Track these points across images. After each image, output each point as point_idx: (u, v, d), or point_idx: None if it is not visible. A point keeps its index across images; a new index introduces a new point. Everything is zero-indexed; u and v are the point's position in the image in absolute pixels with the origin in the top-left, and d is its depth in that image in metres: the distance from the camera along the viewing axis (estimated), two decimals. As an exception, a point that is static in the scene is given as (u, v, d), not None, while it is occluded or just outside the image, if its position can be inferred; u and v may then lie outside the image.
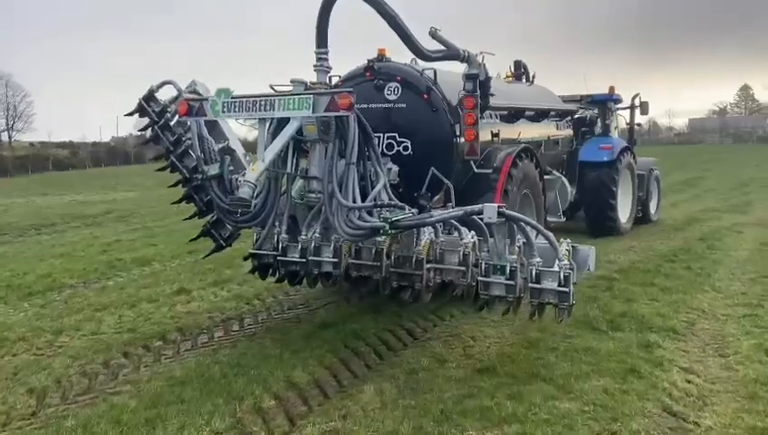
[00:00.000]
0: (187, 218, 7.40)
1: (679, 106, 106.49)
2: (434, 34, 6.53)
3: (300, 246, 5.64)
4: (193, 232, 8.38)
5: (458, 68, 7.05)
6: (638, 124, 14.47)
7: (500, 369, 5.50)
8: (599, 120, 12.90)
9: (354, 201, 5.33)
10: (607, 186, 11.76)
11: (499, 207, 4.82)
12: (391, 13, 5.86)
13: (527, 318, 5.32)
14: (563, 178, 10.55)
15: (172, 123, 6.54)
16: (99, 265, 10.67)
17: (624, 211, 12.50)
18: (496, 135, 7.65)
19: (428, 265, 5.18)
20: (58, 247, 12.94)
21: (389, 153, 6.80)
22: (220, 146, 6.28)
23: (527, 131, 8.91)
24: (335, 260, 5.45)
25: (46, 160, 48.16)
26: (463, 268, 5.07)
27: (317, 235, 5.57)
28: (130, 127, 79.67)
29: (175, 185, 7.00)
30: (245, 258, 6.75)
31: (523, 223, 4.92)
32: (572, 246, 5.00)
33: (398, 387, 5.20)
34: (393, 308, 7.42)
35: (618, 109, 13.59)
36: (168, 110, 6.45)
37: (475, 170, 7.07)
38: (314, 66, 6.09)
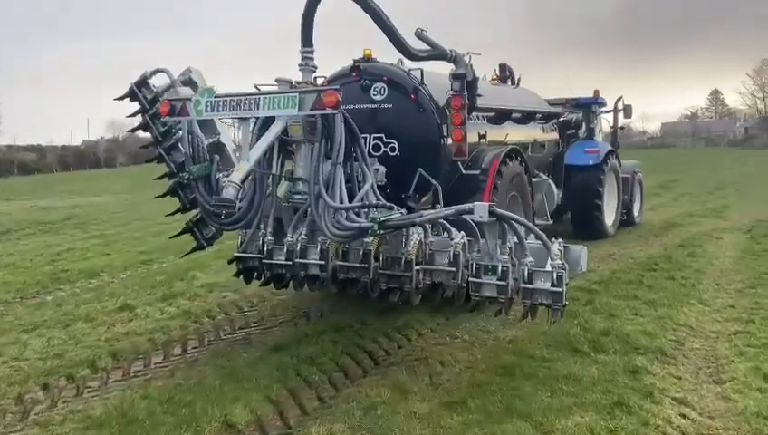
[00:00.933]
0: (169, 214, 6.92)
1: (652, 110, 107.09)
2: (420, 35, 6.44)
3: (286, 249, 5.44)
4: (155, 239, 7.62)
5: (443, 68, 6.92)
6: (622, 127, 14.39)
7: (470, 402, 4.76)
8: (584, 123, 12.76)
9: (341, 202, 5.19)
10: (593, 189, 11.56)
11: (490, 205, 4.69)
12: (377, 11, 5.72)
13: (519, 319, 5.10)
14: (550, 181, 10.23)
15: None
16: (42, 277, 9.76)
17: (610, 214, 12.29)
18: (483, 136, 7.46)
19: (418, 267, 5.01)
20: (5, 257, 11.97)
21: (376, 154, 6.63)
22: (210, 141, 5.91)
23: (514, 134, 8.67)
24: (322, 262, 5.28)
25: (11, 164, 46.50)
26: (453, 269, 4.91)
27: (303, 236, 5.39)
28: (102, 130, 77.83)
29: (161, 178, 6.59)
30: (230, 262, 6.28)
31: (514, 222, 4.76)
32: (564, 246, 4.78)
33: (351, 428, 4.43)
34: (355, 327, 6.69)
35: (601, 112, 13.44)
36: (161, 98, 6.08)
37: (463, 171, 6.86)
38: (299, 65, 5.90)
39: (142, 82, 6.28)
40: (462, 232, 5.03)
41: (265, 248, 5.61)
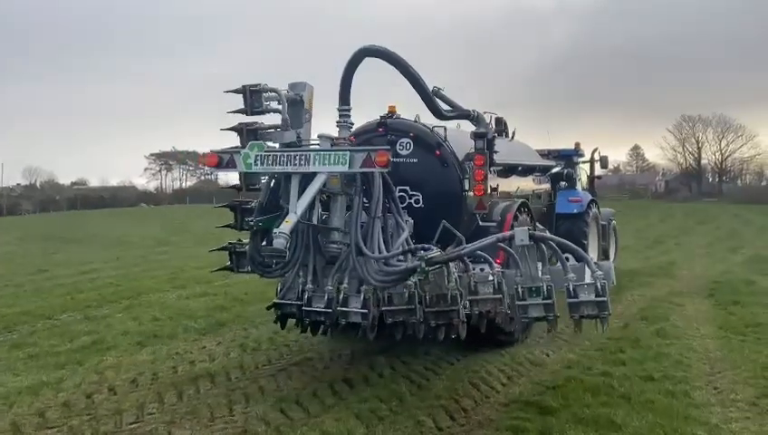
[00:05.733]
0: (220, 226, 6.30)
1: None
2: (437, 93, 6.67)
3: (326, 297, 5.29)
4: None
5: (449, 123, 7.15)
6: (599, 177, 14.35)
7: None
8: (573, 174, 12.63)
9: (380, 252, 5.25)
10: (578, 237, 10.99)
11: (529, 229, 4.92)
12: (416, 75, 5.95)
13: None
14: (547, 231, 9.58)
15: (261, 132, 5.69)
16: None
17: None
18: (495, 189, 7.45)
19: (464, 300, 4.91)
20: None
21: (401, 206, 6.28)
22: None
23: (519, 186, 8.89)
24: (364, 311, 5.12)
25: None
26: (499, 296, 4.85)
27: (345, 285, 5.28)
28: (18, 176, 71.31)
29: (231, 187, 6.30)
30: (269, 308, 5.88)
31: (552, 242, 4.90)
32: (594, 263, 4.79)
33: None
34: None
35: (579, 162, 13.25)
36: (267, 110, 5.66)
37: (480, 223, 6.91)
38: (337, 122, 5.98)
39: (256, 90, 5.64)
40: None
41: (305, 296, 5.43)
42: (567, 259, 4.82)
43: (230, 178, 6.28)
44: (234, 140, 5.60)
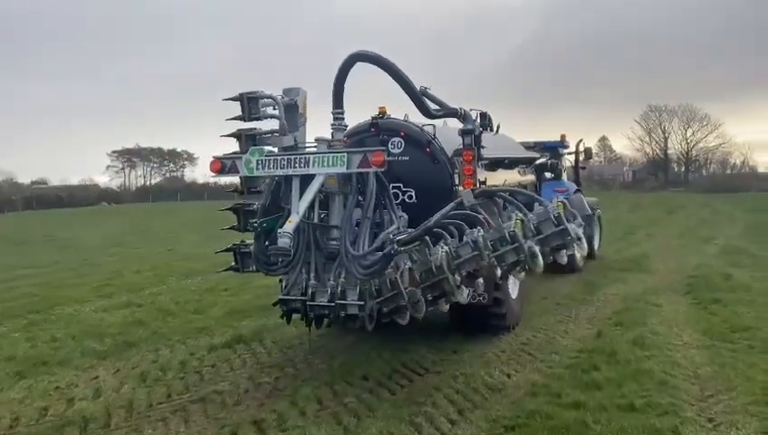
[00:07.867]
0: (224, 229, 6.35)
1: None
2: (424, 92, 6.97)
3: (329, 291, 5.52)
4: None
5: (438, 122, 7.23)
6: (583, 167, 14.77)
7: None
8: (558, 165, 12.97)
9: (365, 247, 5.45)
10: None
11: (473, 190, 5.58)
12: (406, 79, 6.12)
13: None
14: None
15: (259, 137, 5.82)
16: None
17: None
18: (483, 183, 7.41)
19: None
20: None
21: (395, 202, 6.48)
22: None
23: (505, 178, 8.87)
24: (361, 303, 5.35)
25: None
26: (477, 252, 5.06)
27: (343, 279, 5.46)
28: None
29: (233, 191, 6.47)
30: (274, 304, 5.97)
31: (502, 193, 5.63)
32: (565, 199, 5.17)
33: None
34: None
35: (564, 154, 13.57)
36: (264, 116, 5.76)
37: None
38: (332, 125, 6.07)
39: (253, 97, 5.71)
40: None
41: (309, 291, 5.60)
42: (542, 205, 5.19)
43: (197, 175, 6.11)
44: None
